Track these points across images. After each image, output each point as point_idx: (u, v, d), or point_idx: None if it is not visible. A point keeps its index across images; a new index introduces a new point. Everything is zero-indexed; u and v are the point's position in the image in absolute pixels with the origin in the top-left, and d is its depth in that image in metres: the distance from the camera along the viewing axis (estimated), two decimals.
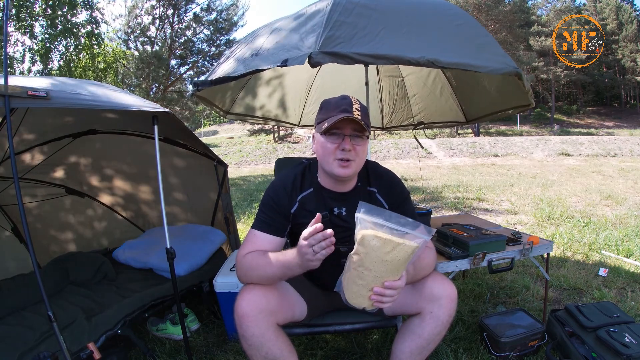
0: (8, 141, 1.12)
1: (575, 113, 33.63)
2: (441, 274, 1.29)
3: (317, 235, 0.93)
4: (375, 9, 1.40)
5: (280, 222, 1.22)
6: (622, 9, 31.00)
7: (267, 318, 1.10)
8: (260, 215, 1.24)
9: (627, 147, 14.84)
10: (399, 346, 1.23)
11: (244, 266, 1.16)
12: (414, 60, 1.27)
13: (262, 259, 1.13)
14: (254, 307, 1.08)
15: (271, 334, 1.11)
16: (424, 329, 1.18)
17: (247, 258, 1.16)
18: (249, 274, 1.15)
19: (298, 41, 1.33)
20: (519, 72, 1.46)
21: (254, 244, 1.20)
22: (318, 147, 1.18)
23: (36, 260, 1.29)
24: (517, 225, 3.95)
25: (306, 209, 1.23)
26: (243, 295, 1.11)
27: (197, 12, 19.10)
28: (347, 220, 1.23)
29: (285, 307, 1.19)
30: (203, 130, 39.85)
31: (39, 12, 7.33)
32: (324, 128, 1.12)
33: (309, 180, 1.27)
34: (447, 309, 1.17)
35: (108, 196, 2.78)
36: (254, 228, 1.23)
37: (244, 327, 1.08)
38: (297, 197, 1.24)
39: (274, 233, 1.21)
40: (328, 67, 2.65)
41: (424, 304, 1.18)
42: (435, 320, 1.17)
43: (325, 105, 1.19)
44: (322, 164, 1.20)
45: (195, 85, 1.54)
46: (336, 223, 1.22)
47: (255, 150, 19.40)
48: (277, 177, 1.32)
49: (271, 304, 1.12)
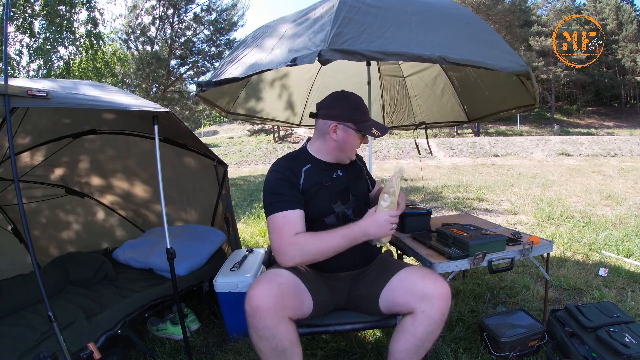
0: (8, 141, 1.11)
1: (575, 113, 33.63)
2: (434, 272, 1.31)
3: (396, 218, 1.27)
4: (382, 7, 1.39)
5: (297, 195, 1.31)
6: (622, 9, 31.00)
7: (281, 311, 1.11)
8: (276, 198, 1.28)
9: (627, 147, 14.84)
10: (395, 346, 1.26)
11: (302, 246, 1.23)
12: (426, 56, 1.26)
13: (322, 235, 1.25)
14: (268, 299, 1.08)
15: (283, 327, 1.11)
16: (417, 328, 1.20)
17: (299, 239, 1.23)
18: (309, 253, 1.24)
19: (306, 40, 1.32)
20: (527, 71, 1.46)
21: (291, 223, 1.25)
22: (345, 136, 1.36)
23: (36, 260, 1.29)
24: (517, 225, 3.95)
25: (310, 179, 1.35)
26: (257, 286, 1.12)
27: (197, 12, 19.13)
28: (344, 180, 1.43)
29: (297, 302, 1.20)
30: (203, 130, 39.86)
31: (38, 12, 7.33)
32: (367, 131, 1.34)
33: (304, 157, 1.41)
34: (440, 307, 1.18)
35: (108, 196, 2.78)
36: (278, 211, 1.26)
37: (257, 318, 1.08)
38: (302, 170, 1.36)
39: (299, 207, 1.29)
40: (329, 67, 2.65)
41: (416, 303, 1.20)
42: (428, 319, 1.18)
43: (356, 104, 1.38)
44: (341, 150, 1.39)
45: (199, 85, 1.53)
46: (339, 184, 1.41)
47: (255, 150, 19.42)
48: (272, 168, 1.36)
49: (285, 297, 1.13)
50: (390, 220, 1.25)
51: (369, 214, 1.28)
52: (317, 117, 1.41)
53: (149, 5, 17.77)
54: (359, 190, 1.48)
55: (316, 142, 1.43)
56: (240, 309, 1.88)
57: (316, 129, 1.43)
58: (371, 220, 1.25)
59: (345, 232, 1.25)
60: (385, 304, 1.30)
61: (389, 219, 1.25)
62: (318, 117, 1.41)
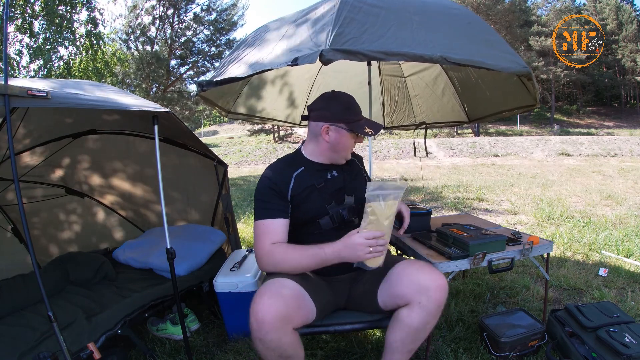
0: (8, 141, 1.11)
1: (575, 113, 33.63)
2: (430, 265, 1.31)
3: (380, 241, 1.15)
4: (383, 7, 1.39)
5: (282, 204, 1.31)
6: (622, 9, 30.99)
7: (286, 325, 1.11)
8: (262, 205, 1.31)
9: (627, 147, 14.84)
10: (391, 336, 1.28)
11: (275, 258, 1.24)
12: (427, 56, 1.26)
13: (295, 251, 1.24)
14: (274, 314, 1.08)
15: (287, 338, 1.12)
16: (412, 319, 1.21)
17: (275, 250, 1.24)
18: (280, 266, 1.25)
19: (307, 40, 1.32)
20: (529, 72, 1.46)
21: (271, 232, 1.27)
22: (338, 137, 1.34)
23: (36, 260, 1.29)
24: (517, 225, 3.95)
25: (301, 183, 1.34)
26: (263, 299, 1.10)
27: (197, 12, 19.13)
28: (339, 180, 1.41)
29: (301, 313, 1.18)
30: (203, 130, 39.86)
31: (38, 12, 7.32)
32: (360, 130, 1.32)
33: (298, 161, 1.40)
34: (436, 299, 1.19)
35: (108, 196, 2.78)
36: (262, 218, 1.29)
37: (263, 332, 1.08)
38: (292, 176, 1.35)
39: (282, 216, 1.30)
40: (330, 67, 2.65)
41: (413, 294, 1.20)
42: (424, 310, 1.20)
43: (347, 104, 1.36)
44: (336, 151, 1.37)
45: (200, 85, 1.53)
46: (333, 185, 1.39)
47: (255, 150, 19.41)
48: (265, 171, 1.38)
49: (290, 309, 1.12)
50: (365, 243, 1.14)
51: (347, 235, 1.19)
52: (309, 119, 1.40)
53: (149, 5, 17.78)
54: (356, 190, 1.43)
55: (310, 145, 1.42)
56: (240, 309, 1.89)
57: (309, 131, 1.42)
58: (344, 242, 1.18)
59: (317, 253, 1.21)
60: (383, 298, 1.30)
61: (364, 242, 1.14)
62: (310, 119, 1.39)
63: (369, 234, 1.15)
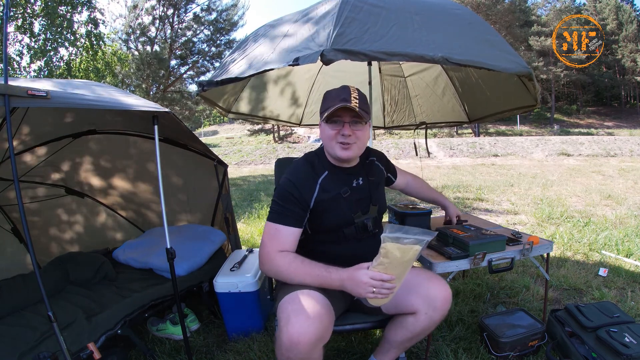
0: (8, 141, 1.11)
1: (575, 113, 33.65)
2: (438, 275, 1.33)
3: (386, 284, 1.07)
4: (384, 7, 1.39)
5: (299, 213, 1.26)
6: (622, 9, 31.01)
7: (320, 344, 1.08)
8: (279, 208, 1.26)
9: (627, 147, 14.83)
10: (392, 335, 1.34)
11: (278, 267, 1.22)
12: (429, 57, 1.25)
13: (300, 267, 1.19)
14: (311, 337, 1.03)
15: (317, 355, 1.09)
16: (416, 327, 1.27)
17: (280, 259, 1.21)
18: (280, 275, 1.23)
19: (308, 40, 1.32)
20: (530, 72, 1.46)
21: (280, 239, 1.24)
22: (322, 133, 1.31)
23: (36, 260, 1.29)
24: (517, 225, 3.94)
25: (327, 190, 1.30)
26: (299, 320, 1.04)
27: (197, 12, 19.15)
28: (365, 189, 1.37)
29: (330, 328, 1.14)
30: (203, 130, 39.89)
31: (39, 12, 7.33)
32: (325, 116, 1.24)
33: (322, 164, 1.35)
34: (442, 310, 1.25)
35: (108, 196, 2.78)
36: (275, 222, 1.26)
37: (295, 352, 1.03)
38: (318, 182, 1.30)
39: (295, 225, 1.26)
40: (330, 67, 2.65)
41: (420, 305, 1.25)
42: (429, 320, 1.25)
43: (327, 95, 1.30)
44: (327, 148, 1.33)
45: (201, 85, 1.53)
46: (359, 193, 1.35)
47: (255, 150, 19.40)
48: (290, 170, 1.32)
49: (325, 331, 1.08)
50: (369, 283, 1.08)
51: (355, 267, 1.14)
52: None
53: (149, 5, 17.80)
54: (379, 199, 1.42)
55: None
56: (241, 309, 1.89)
57: None
58: (350, 274, 1.12)
59: (323, 275, 1.17)
60: (387, 305, 1.30)
61: (369, 281, 1.08)
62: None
63: (376, 274, 1.08)
